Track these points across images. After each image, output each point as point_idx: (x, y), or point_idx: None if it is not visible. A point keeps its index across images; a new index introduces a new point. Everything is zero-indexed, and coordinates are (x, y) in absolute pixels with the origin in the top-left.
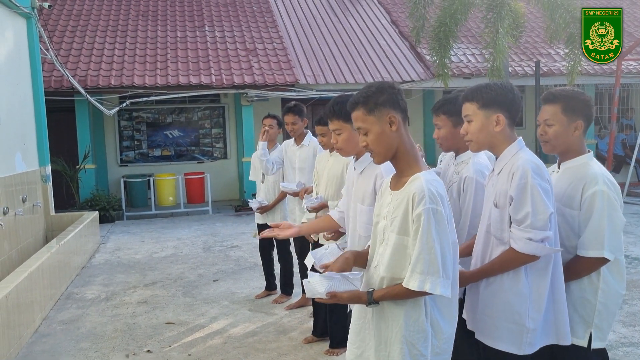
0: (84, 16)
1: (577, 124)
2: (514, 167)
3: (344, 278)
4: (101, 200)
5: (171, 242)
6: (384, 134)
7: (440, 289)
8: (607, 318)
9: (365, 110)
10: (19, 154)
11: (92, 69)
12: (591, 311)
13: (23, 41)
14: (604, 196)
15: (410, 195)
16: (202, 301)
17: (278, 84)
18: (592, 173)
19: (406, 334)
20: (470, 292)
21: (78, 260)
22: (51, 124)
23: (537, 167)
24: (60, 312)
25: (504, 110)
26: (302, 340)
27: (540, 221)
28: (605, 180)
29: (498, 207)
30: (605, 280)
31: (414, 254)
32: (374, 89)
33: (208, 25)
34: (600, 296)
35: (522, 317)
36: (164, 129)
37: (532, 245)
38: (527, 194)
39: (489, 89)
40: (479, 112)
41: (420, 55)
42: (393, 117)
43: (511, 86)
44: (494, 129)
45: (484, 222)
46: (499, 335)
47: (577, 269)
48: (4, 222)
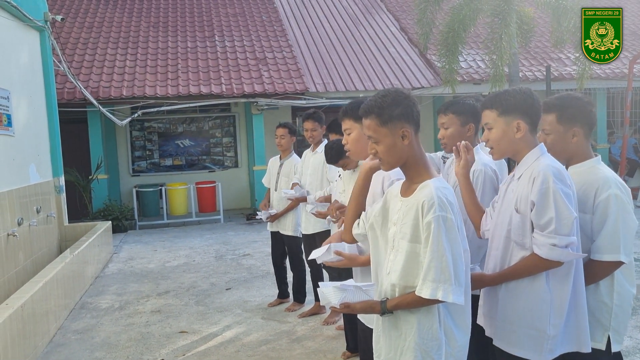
0: (96, 28)
1: (574, 131)
2: (535, 172)
3: (357, 289)
4: (114, 210)
5: (183, 251)
6: (395, 146)
7: (452, 296)
8: (623, 320)
9: (379, 122)
10: (33, 165)
11: (104, 80)
12: (608, 314)
13: (36, 54)
14: (617, 200)
15: (419, 202)
16: (215, 310)
17: (288, 92)
18: (603, 177)
19: (420, 342)
20: (488, 297)
21: (92, 270)
22: (64, 135)
23: (559, 172)
24: (75, 322)
25: (524, 116)
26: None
27: (565, 227)
28: (617, 184)
29: (519, 212)
30: (620, 282)
31: (425, 262)
32: (390, 100)
33: (218, 35)
34: (616, 299)
35: (542, 323)
36: (175, 139)
37: (557, 252)
38: (549, 200)
39: (509, 96)
40: (499, 119)
41: (429, 62)
42: (406, 131)
43: (530, 91)
44: (515, 135)
45: (503, 227)
46: (518, 342)
47: (593, 273)
48: (18, 232)
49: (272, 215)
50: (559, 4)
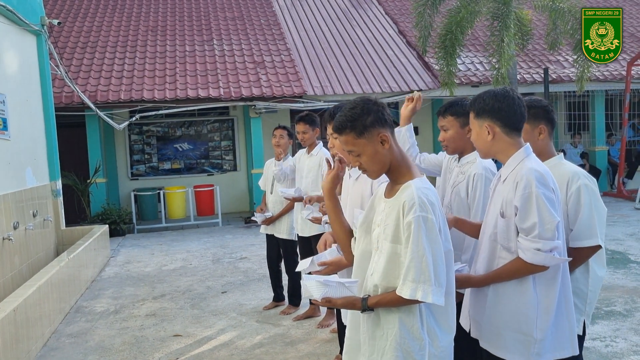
0: (94, 32)
1: (540, 129)
2: (518, 177)
3: (340, 285)
4: (112, 214)
5: (181, 254)
6: (377, 153)
7: (432, 297)
8: (593, 304)
9: (355, 134)
10: (30, 169)
11: (102, 84)
12: (584, 300)
13: (33, 58)
14: (588, 189)
15: (401, 203)
16: (210, 313)
17: (286, 95)
18: (571, 170)
19: (401, 342)
20: (475, 299)
21: (88, 273)
22: (62, 139)
23: (542, 176)
24: (69, 326)
25: (494, 119)
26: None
27: (548, 231)
28: (585, 175)
29: (505, 216)
30: (592, 268)
31: (405, 262)
32: (359, 110)
33: (216, 39)
34: (591, 284)
35: (529, 327)
36: (174, 143)
37: (541, 256)
38: (532, 204)
39: (481, 98)
40: (475, 121)
41: (428, 65)
42: (384, 135)
43: (504, 93)
44: (487, 138)
45: (488, 230)
46: (505, 345)
47: (575, 260)
48: (14, 236)
49: (267, 218)
50: (556, 6)
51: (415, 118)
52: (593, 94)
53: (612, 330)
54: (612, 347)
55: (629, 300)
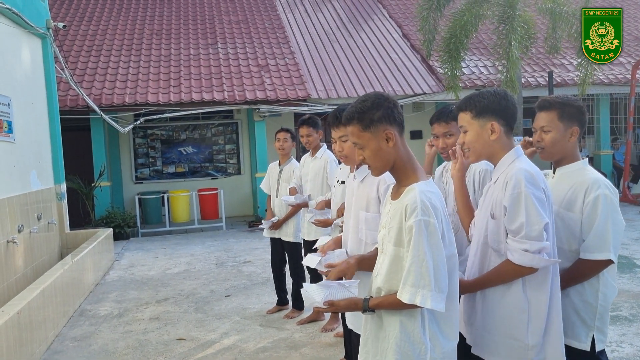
0: (99, 36)
1: (572, 130)
2: (508, 177)
3: (340, 286)
4: (116, 218)
5: (184, 258)
6: (380, 150)
7: (431, 302)
8: (606, 319)
9: (361, 127)
10: (34, 172)
11: (106, 88)
12: (593, 314)
13: (38, 61)
14: (607, 199)
15: (403, 206)
16: (214, 317)
17: (290, 99)
18: (592, 177)
19: (401, 344)
20: (467, 304)
21: (92, 277)
22: (67, 143)
23: (531, 176)
24: (73, 329)
25: (498, 118)
26: None
27: (534, 231)
28: (606, 184)
29: (495, 217)
30: (605, 282)
31: (406, 266)
32: (369, 104)
33: (221, 43)
34: (601, 299)
35: (520, 332)
36: (178, 146)
37: (529, 257)
38: (521, 204)
39: (482, 97)
40: (474, 121)
41: (432, 68)
42: (390, 133)
43: (504, 93)
44: (490, 137)
45: (480, 233)
46: (497, 351)
47: (583, 272)
48: (19, 239)
49: (274, 223)
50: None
51: (418, 122)
52: (598, 97)
53: (618, 335)
54: (618, 352)
55: (634, 305)
